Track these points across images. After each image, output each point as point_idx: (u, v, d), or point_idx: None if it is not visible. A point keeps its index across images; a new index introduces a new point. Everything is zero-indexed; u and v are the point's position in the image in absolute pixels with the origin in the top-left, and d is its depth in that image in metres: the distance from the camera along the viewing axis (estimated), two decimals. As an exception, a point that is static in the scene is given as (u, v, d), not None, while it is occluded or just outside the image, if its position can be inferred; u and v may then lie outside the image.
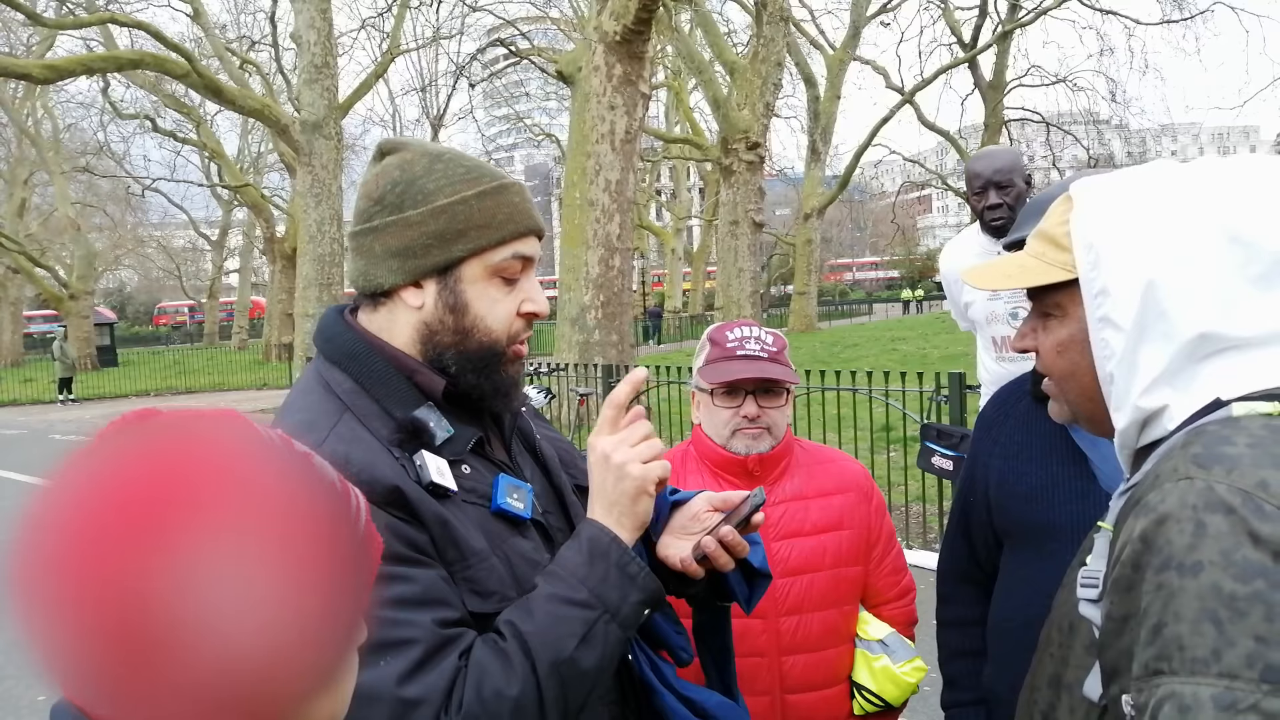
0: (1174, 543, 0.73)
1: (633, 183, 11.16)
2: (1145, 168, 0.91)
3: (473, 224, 1.09)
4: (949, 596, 1.78)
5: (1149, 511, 0.76)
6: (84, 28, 22.11)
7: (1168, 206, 0.86)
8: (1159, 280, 0.83)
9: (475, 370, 1.12)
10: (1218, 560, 0.70)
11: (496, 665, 0.98)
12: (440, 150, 1.15)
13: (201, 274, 54.43)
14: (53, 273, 31.87)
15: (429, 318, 1.11)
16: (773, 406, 1.76)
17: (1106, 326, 0.87)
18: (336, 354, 1.13)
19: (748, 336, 1.76)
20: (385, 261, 1.11)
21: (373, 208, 1.12)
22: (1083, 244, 0.89)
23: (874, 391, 6.58)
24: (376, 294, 1.13)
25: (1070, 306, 0.93)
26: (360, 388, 1.10)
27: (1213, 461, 0.75)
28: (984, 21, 27.12)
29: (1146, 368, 0.85)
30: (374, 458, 1.03)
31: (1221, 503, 0.72)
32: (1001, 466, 1.62)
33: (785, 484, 1.80)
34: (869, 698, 1.77)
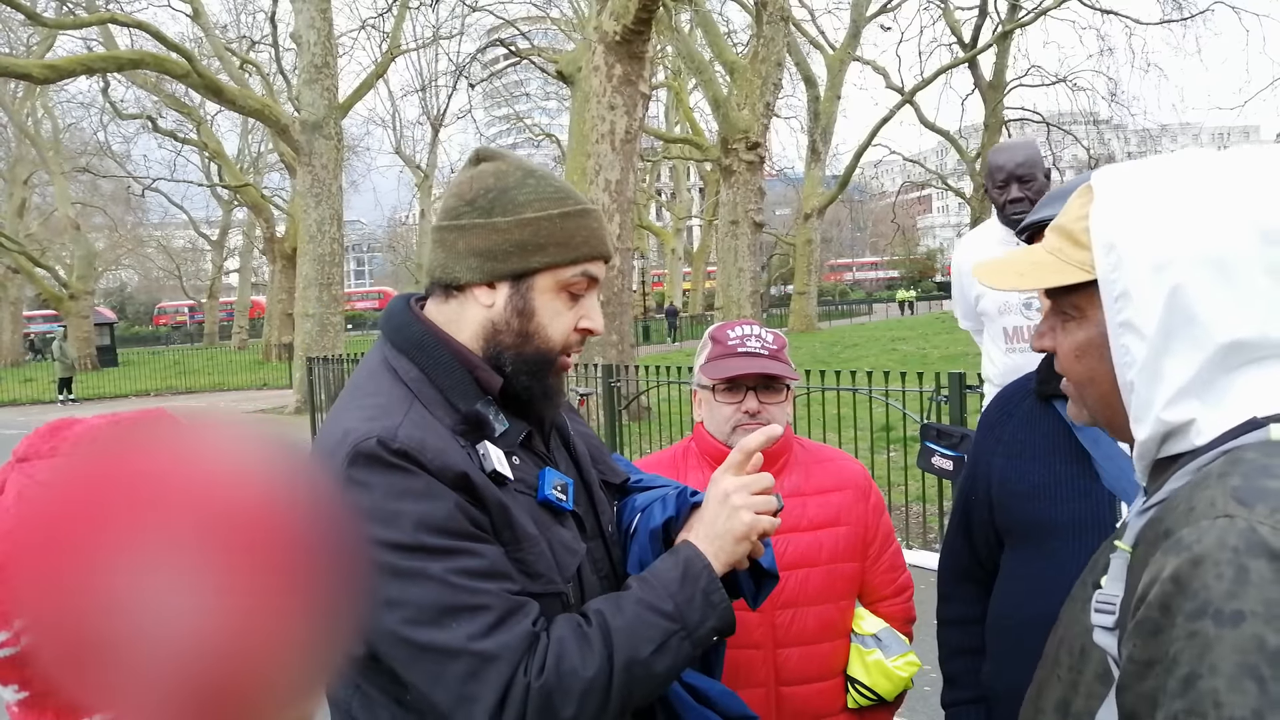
0: (1211, 588, 0.66)
1: (633, 183, 11.16)
2: (1173, 157, 0.85)
3: (553, 240, 1.19)
4: (949, 595, 1.78)
5: (1182, 550, 0.70)
6: (84, 27, 22.12)
7: (1197, 202, 0.79)
8: (1186, 284, 0.77)
9: (529, 373, 1.21)
10: (1261, 611, 0.64)
11: (576, 646, 1.05)
12: (534, 167, 1.25)
13: (201, 274, 54.44)
14: (53, 273, 31.88)
15: (496, 317, 1.20)
16: (773, 403, 1.80)
17: (1128, 332, 0.81)
18: (405, 343, 1.21)
19: (749, 334, 1.80)
20: (466, 259, 1.19)
21: (462, 207, 1.20)
22: (1102, 243, 0.83)
23: (874, 391, 6.58)
24: (451, 286, 1.21)
25: (1089, 308, 0.87)
26: (426, 377, 1.18)
27: (1255, 498, 0.69)
28: (984, 21, 27.16)
29: (1172, 377, 0.79)
30: (446, 444, 1.11)
31: (1265, 546, 0.66)
32: (1004, 465, 1.62)
33: (783, 481, 1.82)
34: (863, 691, 1.79)
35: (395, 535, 1.03)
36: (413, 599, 1.03)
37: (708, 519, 1.20)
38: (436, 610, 1.02)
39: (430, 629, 1.02)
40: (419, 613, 1.03)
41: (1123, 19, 26.28)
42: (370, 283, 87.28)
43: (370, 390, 1.18)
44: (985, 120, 28.48)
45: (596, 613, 1.10)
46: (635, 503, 1.38)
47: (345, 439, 1.08)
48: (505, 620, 1.04)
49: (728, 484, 1.21)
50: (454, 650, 1.01)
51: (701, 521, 1.20)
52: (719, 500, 1.20)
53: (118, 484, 0.49)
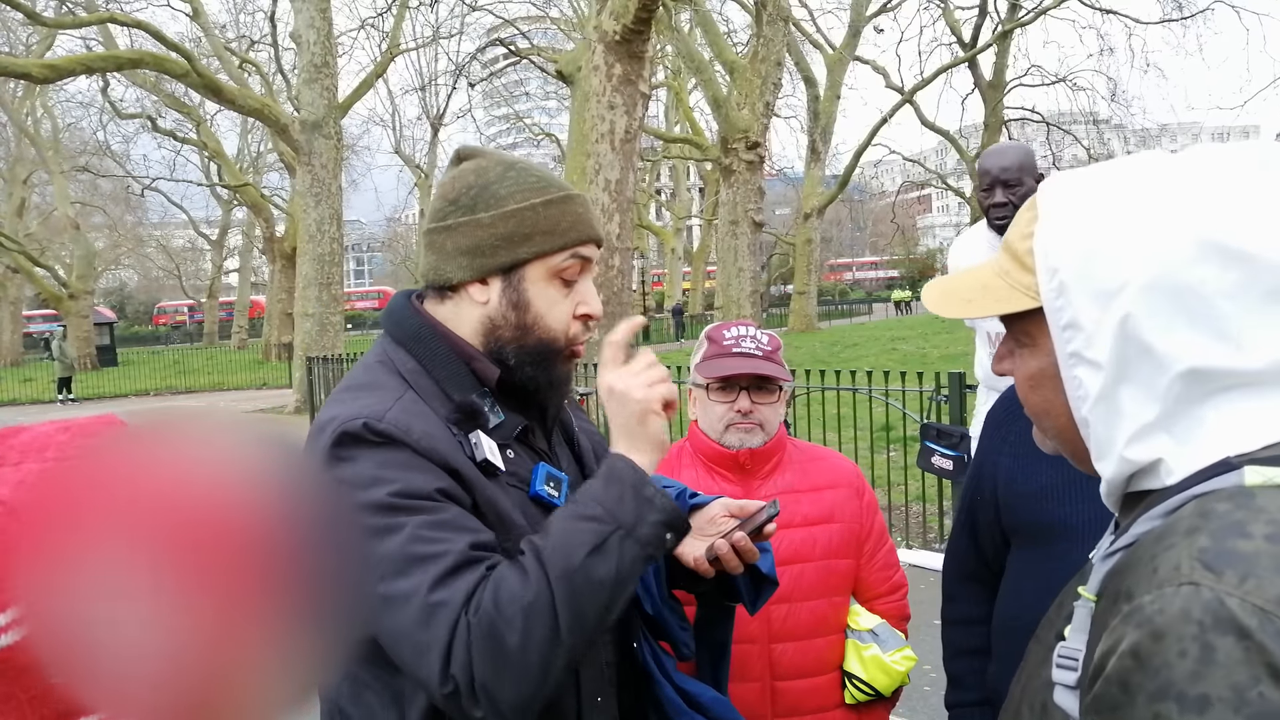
0: (1174, 667, 0.60)
1: (633, 182, 11.16)
2: (1122, 164, 0.77)
3: (538, 229, 1.19)
4: (954, 595, 1.78)
5: (1144, 621, 0.63)
6: (84, 27, 22.10)
7: (1144, 219, 0.71)
8: (1137, 312, 0.70)
9: (533, 364, 1.22)
10: (1229, 697, 0.58)
11: (514, 575, 1.06)
12: (514, 160, 1.25)
13: (201, 273, 54.44)
14: (52, 272, 31.86)
15: (493, 313, 1.21)
16: (765, 403, 1.83)
17: (1079, 363, 0.74)
18: (402, 335, 1.23)
19: (744, 335, 1.83)
20: (456, 258, 1.20)
21: (448, 208, 1.21)
22: (1046, 267, 0.75)
23: (874, 391, 6.58)
24: (444, 287, 1.23)
25: (1040, 336, 0.78)
26: (422, 368, 1.19)
27: (1224, 564, 0.62)
28: (984, 21, 27.15)
29: (1133, 413, 0.72)
30: (434, 430, 1.12)
31: (1234, 622, 0.59)
32: (1011, 465, 1.61)
33: (777, 479, 1.86)
34: (860, 686, 1.80)
35: (372, 496, 1.05)
36: (382, 553, 1.04)
37: (613, 422, 1.18)
38: (402, 560, 1.04)
39: (393, 579, 1.04)
40: (386, 565, 1.04)
41: (1123, 18, 26.31)
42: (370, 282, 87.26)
43: (364, 382, 1.19)
44: (985, 120, 28.47)
45: (527, 542, 1.10)
46: None
47: (331, 424, 1.10)
48: (459, 568, 1.05)
49: (608, 378, 1.19)
50: (409, 598, 1.03)
51: (611, 428, 1.19)
52: (608, 398, 1.18)
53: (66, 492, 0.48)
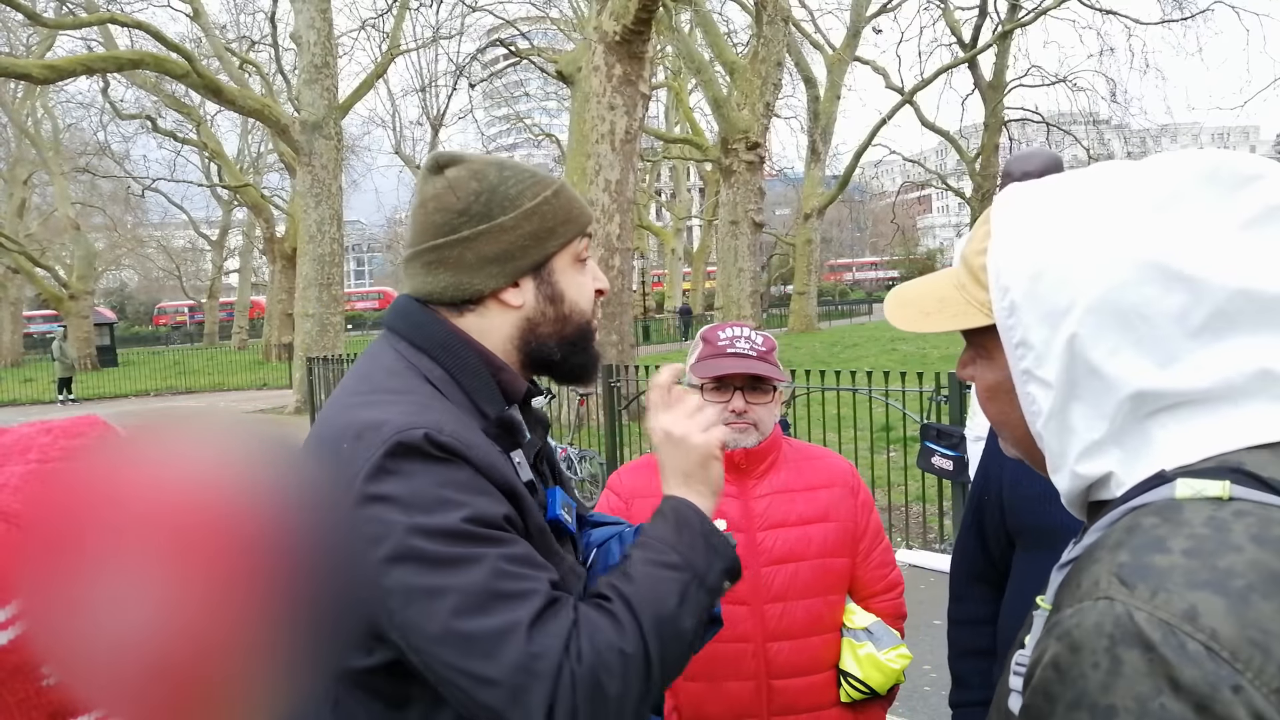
0: (1088, 678, 0.63)
1: (633, 183, 11.16)
2: (1074, 179, 0.77)
3: (559, 220, 1.18)
4: (961, 595, 1.78)
5: (1063, 635, 0.66)
6: (84, 28, 22.12)
7: (1091, 238, 0.72)
8: (1083, 333, 0.71)
9: (577, 349, 1.21)
10: (1132, 707, 0.60)
11: (605, 622, 1.01)
12: (498, 159, 1.22)
13: (201, 274, 54.44)
14: (53, 273, 31.88)
15: (530, 313, 1.18)
16: (760, 403, 1.84)
17: (1030, 381, 0.75)
18: (427, 342, 1.15)
19: (738, 336, 1.85)
20: (483, 268, 1.15)
21: (457, 219, 1.15)
22: (998, 286, 0.76)
23: (874, 391, 6.58)
24: (466, 301, 1.16)
25: (995, 351, 0.79)
26: (451, 378, 1.13)
27: (1138, 577, 0.63)
28: (984, 21, 27.16)
29: (1083, 430, 0.74)
30: (491, 451, 1.07)
31: (1139, 636, 0.61)
32: (1015, 467, 1.61)
33: (772, 478, 1.86)
34: (855, 685, 1.81)
35: (441, 521, 0.98)
36: (460, 585, 0.96)
37: (668, 466, 1.16)
38: (486, 595, 0.96)
39: (479, 616, 0.95)
40: (466, 599, 0.95)
41: (1123, 19, 26.31)
42: (370, 283, 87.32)
43: (396, 386, 1.11)
44: (985, 120, 28.48)
45: (609, 586, 1.05)
46: (591, 537, 1.36)
47: (381, 428, 1.01)
48: (552, 607, 0.99)
49: (662, 422, 1.17)
50: (501, 637, 0.95)
51: (665, 471, 1.16)
52: (664, 441, 1.16)
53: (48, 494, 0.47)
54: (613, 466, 7.92)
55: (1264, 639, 0.59)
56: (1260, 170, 0.71)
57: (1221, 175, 0.71)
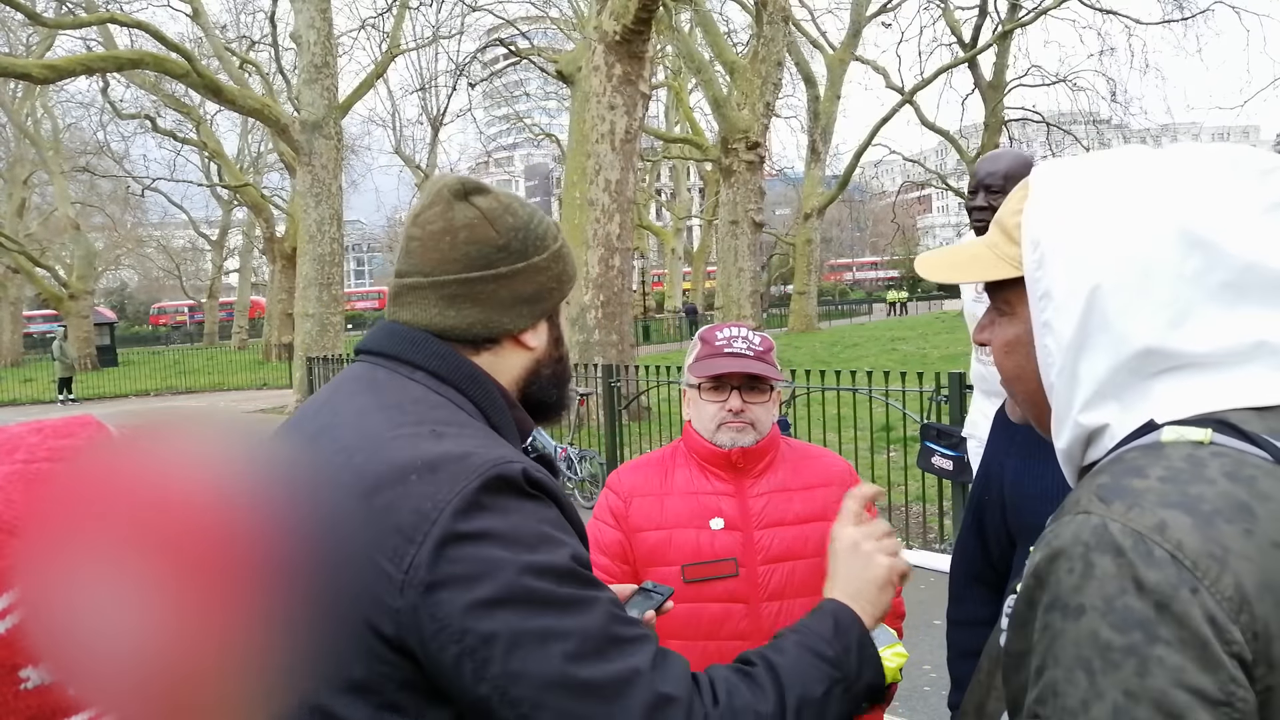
0: (1062, 582, 0.69)
1: (633, 182, 11.16)
2: (1110, 154, 0.83)
3: (571, 265, 1.18)
4: (960, 596, 1.78)
5: (1044, 545, 0.72)
6: (84, 27, 22.12)
7: (1123, 202, 0.77)
8: (1105, 286, 0.76)
9: (560, 388, 1.20)
10: (1099, 605, 0.66)
11: (744, 684, 0.98)
12: (515, 195, 1.19)
13: (201, 274, 54.46)
14: (53, 273, 31.89)
15: (540, 355, 1.15)
16: (757, 403, 1.84)
17: (1049, 332, 0.80)
18: (454, 375, 1.08)
19: (736, 336, 1.85)
20: (515, 308, 1.10)
21: (496, 254, 1.09)
22: (1030, 240, 0.82)
23: (874, 391, 6.58)
24: (487, 339, 1.10)
25: (1019, 305, 0.86)
26: (481, 413, 1.08)
27: (1114, 495, 0.70)
28: (984, 21, 27.15)
29: (1086, 380, 0.79)
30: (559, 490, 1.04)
31: (1112, 543, 0.67)
32: (1017, 465, 1.61)
33: (769, 477, 1.87)
34: None
35: (552, 560, 0.91)
36: (576, 628, 0.90)
37: (843, 573, 1.15)
38: (604, 640, 0.91)
39: (599, 662, 0.90)
40: (585, 644, 0.89)
41: (1123, 19, 26.30)
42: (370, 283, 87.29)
43: (449, 419, 1.03)
44: (985, 120, 28.47)
45: (758, 654, 1.02)
46: None
47: (466, 460, 0.94)
48: (664, 652, 0.96)
49: (853, 533, 1.16)
50: (632, 683, 0.90)
51: (837, 577, 1.15)
52: (850, 550, 1.15)
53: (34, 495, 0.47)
54: (613, 466, 7.92)
55: (1223, 554, 0.65)
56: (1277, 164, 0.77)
57: (1244, 165, 0.77)
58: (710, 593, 1.77)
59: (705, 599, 1.77)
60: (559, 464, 1.21)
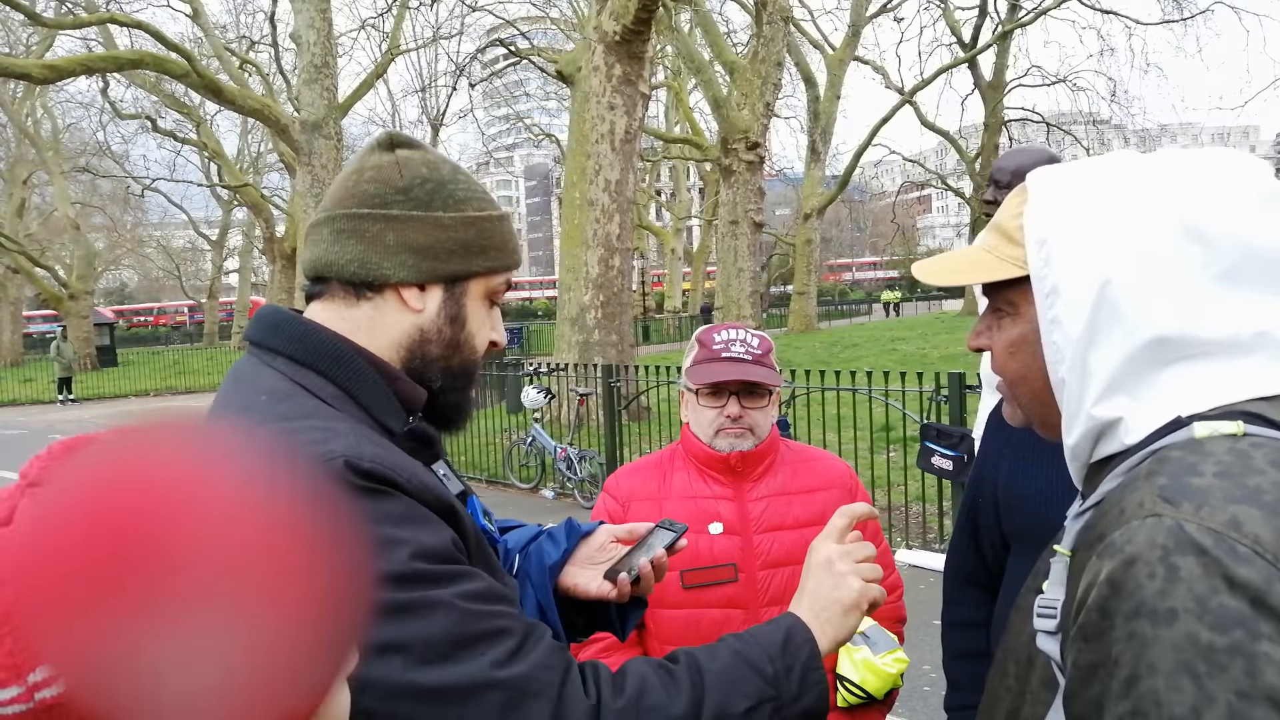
0: (1145, 588, 0.67)
1: (632, 183, 11.16)
2: (1104, 158, 0.86)
3: (493, 244, 1.09)
4: (954, 598, 1.77)
5: (1115, 552, 0.70)
6: (84, 27, 22.11)
7: (1124, 200, 0.80)
8: (1114, 279, 0.78)
9: (455, 387, 1.10)
10: (1193, 607, 0.65)
11: (659, 681, 0.95)
12: (454, 162, 1.14)
13: (201, 274, 54.46)
14: (52, 273, 31.88)
15: (426, 324, 1.06)
16: (756, 407, 1.81)
17: (1058, 328, 0.82)
18: (311, 355, 1.02)
19: (734, 339, 1.81)
20: (398, 254, 1.04)
21: (393, 195, 1.04)
22: (1034, 239, 0.84)
23: (874, 391, 6.58)
24: (367, 285, 1.05)
25: (1023, 304, 0.87)
26: (345, 394, 1.01)
27: (1180, 496, 0.70)
28: (984, 21, 27.17)
29: (1099, 373, 0.80)
30: (414, 464, 0.98)
31: (1193, 543, 0.66)
32: (1011, 467, 1.60)
33: (769, 480, 1.84)
34: (852, 689, 1.78)
35: (384, 567, 0.86)
36: (416, 635, 0.86)
37: (811, 588, 1.09)
38: (448, 643, 0.87)
39: (442, 666, 0.86)
40: (426, 650, 0.86)
41: (1123, 19, 26.32)
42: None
43: (290, 412, 0.96)
44: (985, 120, 28.48)
45: (686, 654, 0.99)
46: (508, 541, 1.29)
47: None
48: (529, 638, 0.91)
49: (831, 550, 1.11)
50: (478, 685, 0.86)
51: (804, 592, 1.09)
52: (823, 566, 1.10)
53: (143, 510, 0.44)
54: (612, 467, 7.92)
55: None
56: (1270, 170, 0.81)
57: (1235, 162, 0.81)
58: (709, 598, 1.74)
59: (704, 605, 1.74)
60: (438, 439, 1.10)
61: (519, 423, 9.92)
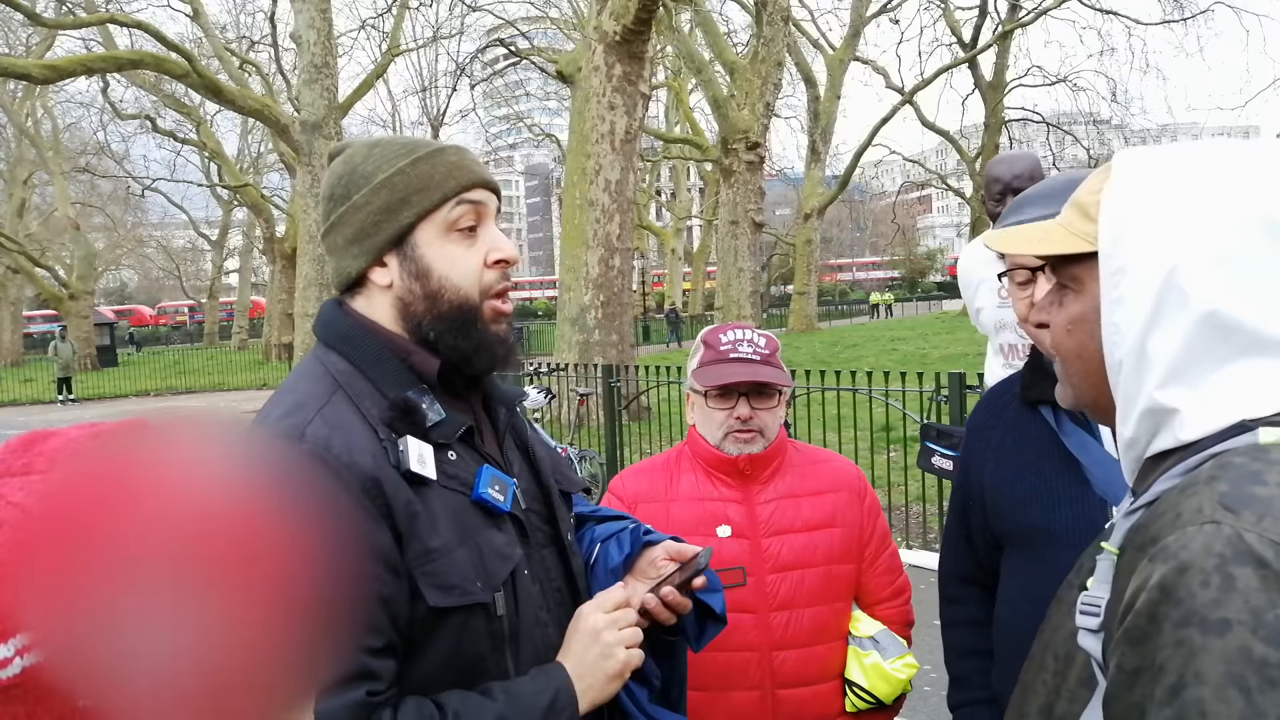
0: (1198, 596, 0.65)
1: (633, 183, 11.16)
2: (1197, 143, 0.84)
3: (412, 189, 1.13)
4: (955, 598, 1.77)
5: (1169, 557, 0.68)
6: (84, 27, 22.11)
7: (1208, 187, 0.78)
8: (1184, 264, 0.76)
9: (453, 331, 1.14)
10: (1247, 620, 0.62)
11: None
12: (380, 138, 1.20)
13: (201, 274, 54.47)
14: (52, 273, 31.87)
15: (400, 291, 1.15)
16: (765, 408, 1.79)
17: (1120, 308, 0.80)
18: (332, 337, 1.17)
19: (740, 339, 1.79)
20: (348, 250, 1.15)
21: (327, 205, 1.17)
22: (1109, 216, 0.82)
23: (874, 391, 6.58)
24: (351, 284, 1.17)
25: (1088, 281, 0.86)
26: (354, 368, 1.13)
27: (1242, 504, 0.67)
28: (984, 21, 27.15)
29: (1159, 358, 0.77)
30: (355, 443, 1.05)
31: (1252, 554, 0.64)
32: (995, 471, 1.60)
33: (777, 483, 1.82)
34: (861, 694, 1.77)
35: None
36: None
37: (576, 656, 1.14)
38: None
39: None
40: None
41: (1123, 19, 26.30)
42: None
43: (291, 387, 1.14)
44: (985, 120, 28.48)
45: (454, 714, 1.03)
46: (595, 533, 1.34)
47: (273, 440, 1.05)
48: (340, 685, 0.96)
49: (598, 621, 1.16)
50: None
51: (570, 653, 1.15)
52: (590, 636, 1.14)
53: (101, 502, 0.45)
54: (612, 466, 7.92)
55: None
56: None
57: None
58: None
59: None
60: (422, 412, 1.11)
61: (519, 423, 9.90)
